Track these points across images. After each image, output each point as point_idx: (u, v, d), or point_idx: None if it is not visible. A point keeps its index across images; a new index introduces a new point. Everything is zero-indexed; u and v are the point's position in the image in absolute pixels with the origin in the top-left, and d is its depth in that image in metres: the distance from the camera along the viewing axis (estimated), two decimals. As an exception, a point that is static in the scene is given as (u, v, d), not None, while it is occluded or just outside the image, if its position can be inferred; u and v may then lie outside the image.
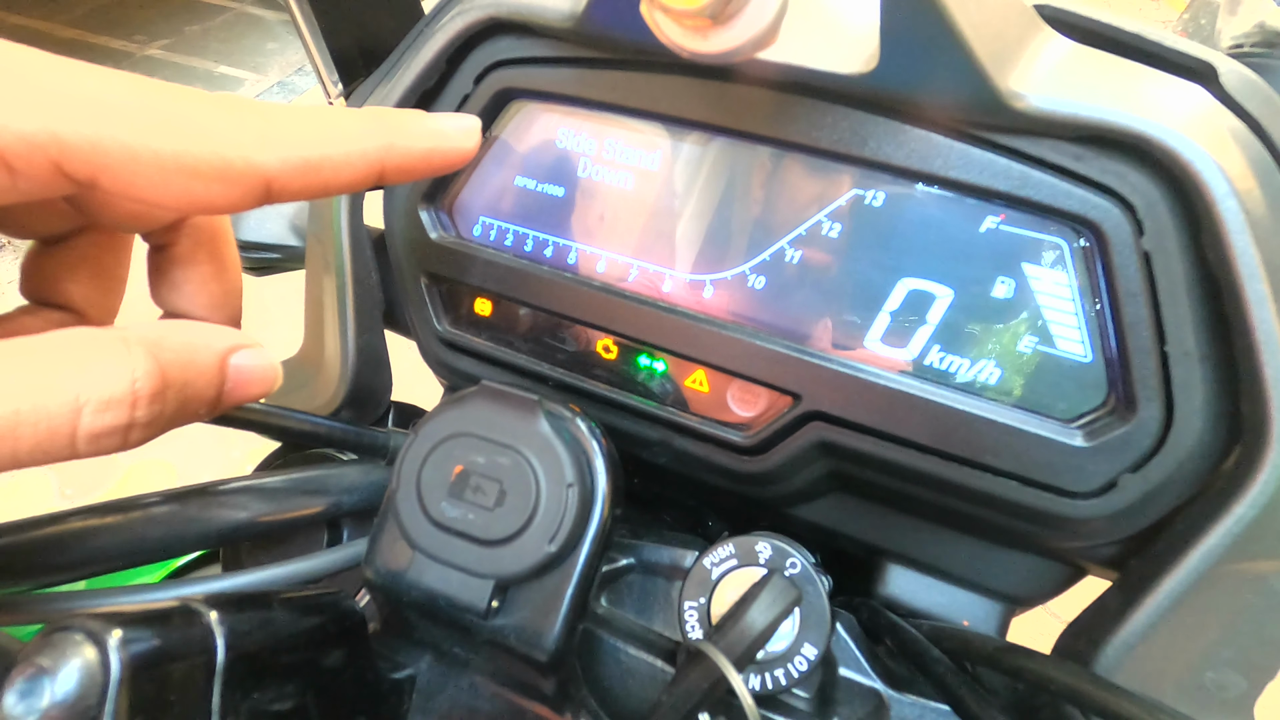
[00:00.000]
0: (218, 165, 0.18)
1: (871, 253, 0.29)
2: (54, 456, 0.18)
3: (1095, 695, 0.22)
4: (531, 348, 0.36)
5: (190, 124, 0.18)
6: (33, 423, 0.17)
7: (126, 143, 0.17)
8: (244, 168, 0.18)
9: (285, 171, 0.19)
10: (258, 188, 0.19)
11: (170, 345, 0.20)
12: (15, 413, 0.17)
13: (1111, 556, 0.29)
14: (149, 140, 0.17)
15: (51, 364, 0.18)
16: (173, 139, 0.17)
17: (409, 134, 0.21)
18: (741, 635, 0.25)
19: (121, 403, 0.18)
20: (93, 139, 0.17)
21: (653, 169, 0.31)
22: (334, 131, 0.20)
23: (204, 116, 0.18)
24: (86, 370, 0.18)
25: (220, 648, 0.19)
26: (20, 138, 0.16)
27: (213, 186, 0.18)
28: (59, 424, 0.17)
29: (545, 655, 0.25)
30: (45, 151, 0.16)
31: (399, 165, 0.21)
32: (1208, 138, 0.23)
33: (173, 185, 0.18)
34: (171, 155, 0.17)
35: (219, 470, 1.18)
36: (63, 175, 0.17)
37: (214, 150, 0.18)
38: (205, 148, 0.18)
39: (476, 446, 0.26)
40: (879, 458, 0.29)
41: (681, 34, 0.20)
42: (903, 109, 0.26)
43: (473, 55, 0.33)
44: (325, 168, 0.20)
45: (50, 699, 0.16)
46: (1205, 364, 0.25)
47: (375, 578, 0.27)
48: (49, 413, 0.17)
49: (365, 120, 0.21)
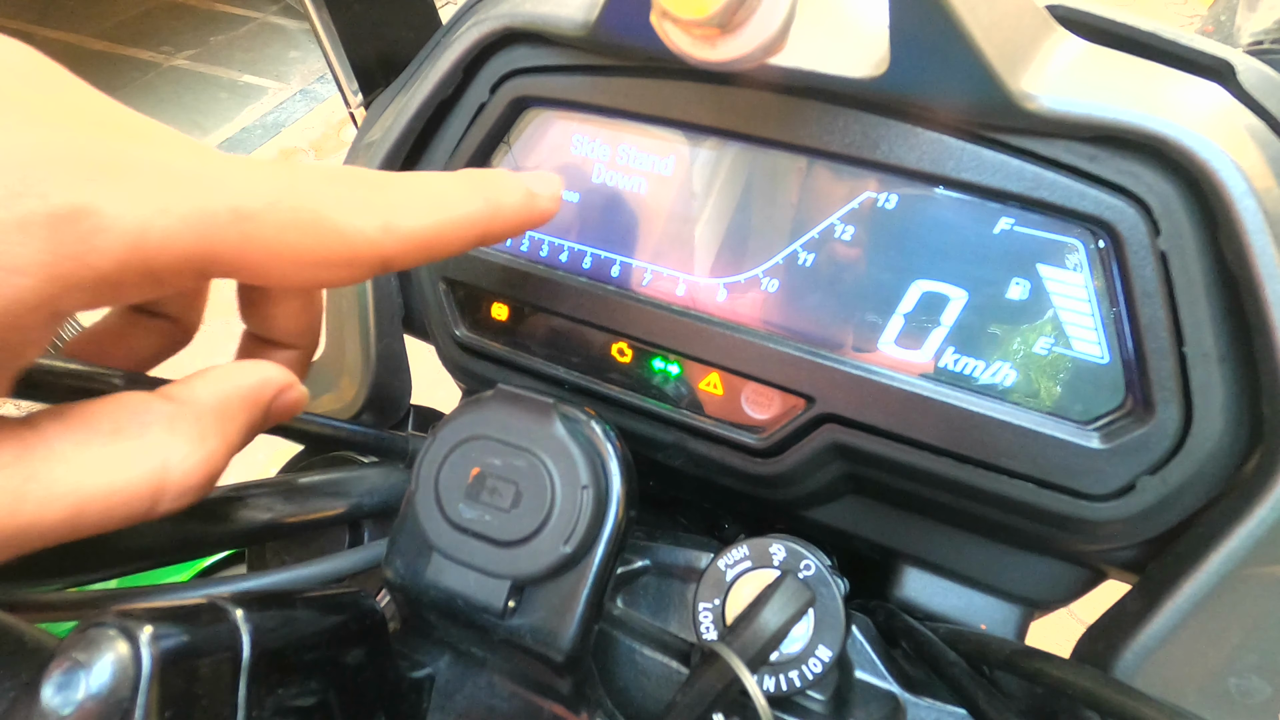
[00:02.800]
0: (347, 254, 0.19)
1: (885, 255, 0.29)
2: (133, 522, 0.18)
3: (1114, 700, 0.22)
4: (547, 351, 0.36)
5: (324, 217, 0.18)
6: (124, 500, 0.17)
7: (268, 244, 0.17)
8: (368, 253, 0.19)
9: (403, 251, 0.20)
10: (376, 266, 0.19)
11: (231, 401, 0.20)
12: (109, 486, 0.17)
13: (1131, 559, 0.29)
14: (288, 237, 0.17)
15: (138, 439, 0.18)
16: (309, 236, 0.18)
17: (507, 198, 0.22)
18: (755, 636, 0.25)
19: (194, 472, 0.19)
20: (238, 244, 0.17)
21: (666, 174, 0.32)
22: (445, 203, 0.20)
23: (333, 206, 0.18)
24: (169, 444, 0.18)
25: (246, 644, 0.20)
26: (176, 255, 0.16)
27: (338, 272, 0.19)
28: (143, 496, 0.18)
29: (561, 655, 0.25)
30: (194, 263, 0.16)
31: (500, 230, 0.22)
32: (1224, 136, 0.23)
33: (304, 275, 0.18)
34: (308, 249, 0.18)
35: (245, 473, 1.20)
36: (203, 278, 0.17)
37: (345, 242, 0.18)
38: (336, 238, 0.18)
39: (493, 449, 0.26)
40: (893, 460, 0.29)
41: (691, 43, 0.20)
42: (914, 112, 0.26)
43: (489, 64, 0.34)
44: (436, 240, 0.20)
45: (85, 691, 0.16)
46: (1224, 365, 0.24)
47: (395, 578, 0.27)
48: (136, 487, 0.17)
49: (469, 187, 0.21)
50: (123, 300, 0.16)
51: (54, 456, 0.16)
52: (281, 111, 2.89)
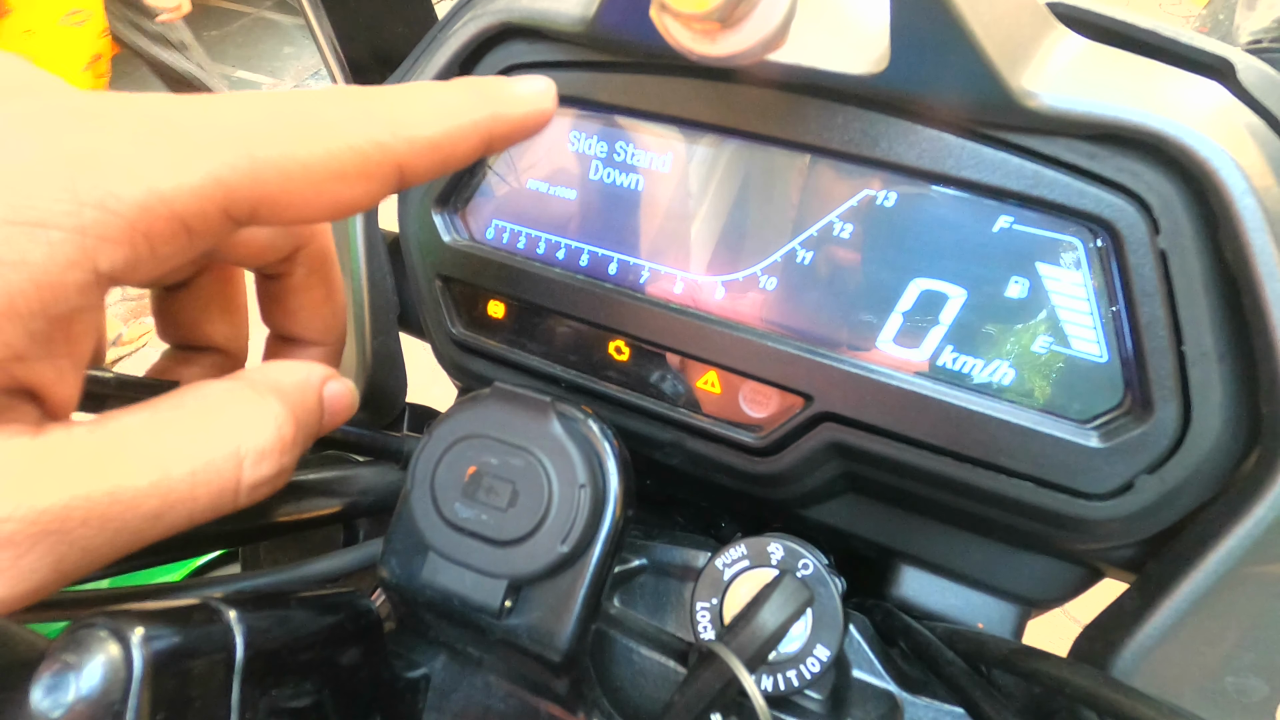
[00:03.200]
0: (358, 161, 0.18)
1: (883, 253, 0.29)
2: (220, 512, 0.18)
3: (1111, 698, 0.22)
4: (544, 349, 0.36)
5: (324, 123, 0.18)
6: (206, 481, 0.18)
7: (278, 164, 0.17)
8: (380, 158, 0.19)
9: (414, 154, 0.19)
10: (393, 175, 0.19)
11: (288, 388, 0.21)
12: (192, 473, 0.17)
13: (1129, 558, 0.29)
14: (296, 152, 0.17)
15: (212, 423, 0.18)
16: (315, 143, 0.17)
17: (507, 102, 0.21)
18: (753, 636, 0.25)
19: (273, 451, 0.19)
20: (250, 172, 0.17)
21: (664, 171, 0.32)
22: (448, 107, 0.20)
23: (332, 112, 0.18)
24: (242, 425, 0.19)
25: (239, 645, 0.20)
26: (193, 194, 0.16)
27: (356, 185, 0.18)
28: (228, 480, 0.18)
29: (558, 655, 0.25)
30: (214, 201, 0.16)
31: (504, 133, 0.21)
32: (1224, 134, 0.23)
33: (323, 194, 0.18)
34: (319, 161, 0.17)
35: (238, 471, 1.19)
36: (229, 219, 0.17)
37: (351, 145, 0.18)
38: (348, 152, 0.18)
39: (489, 447, 0.26)
40: (891, 459, 0.29)
41: (690, 37, 0.20)
42: (914, 109, 0.26)
43: (486, 60, 0.33)
44: (445, 144, 0.20)
45: (76, 694, 0.16)
46: (1223, 364, 0.24)
47: (390, 577, 0.27)
48: (219, 470, 0.18)
49: (470, 93, 0.21)
50: (159, 259, 0.16)
51: (132, 440, 0.17)
52: (276, 108, 2.87)
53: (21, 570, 0.15)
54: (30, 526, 0.15)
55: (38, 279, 0.14)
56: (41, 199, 0.14)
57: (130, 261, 0.16)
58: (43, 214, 0.14)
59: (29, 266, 0.14)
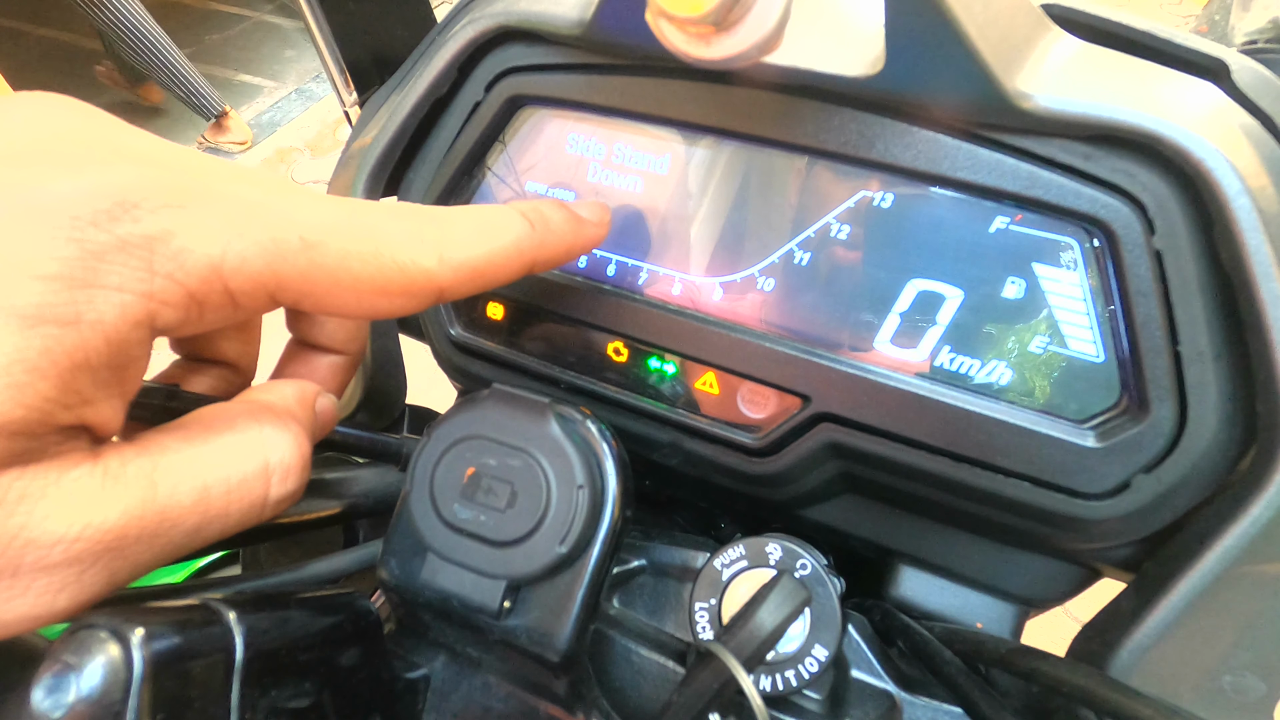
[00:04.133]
0: (404, 284, 0.20)
1: (880, 254, 0.29)
2: (248, 525, 0.19)
3: (1109, 698, 0.22)
4: (543, 351, 0.36)
5: (382, 246, 0.19)
6: (240, 498, 0.19)
7: (332, 272, 0.18)
8: (425, 284, 0.20)
9: (457, 281, 0.21)
10: (431, 296, 0.21)
11: (296, 405, 0.22)
12: (228, 491, 0.19)
13: (1126, 558, 0.29)
14: (351, 265, 0.18)
15: (243, 442, 0.19)
16: (370, 266, 0.19)
17: (557, 229, 0.23)
18: (751, 636, 0.25)
19: (296, 467, 0.20)
20: (306, 271, 0.18)
21: (661, 173, 0.32)
22: (495, 230, 0.21)
23: (391, 235, 0.19)
24: (268, 444, 0.20)
25: (239, 646, 0.20)
26: (247, 279, 0.17)
27: (396, 301, 0.20)
28: (257, 495, 0.19)
29: (557, 655, 0.25)
30: (265, 287, 0.18)
31: (549, 255, 0.23)
32: (1219, 135, 0.23)
33: (363, 303, 0.19)
34: (368, 279, 0.19)
35: (240, 473, 1.19)
36: (273, 300, 0.18)
37: (402, 270, 0.19)
38: (395, 269, 0.19)
39: (488, 449, 0.26)
40: (889, 459, 0.29)
41: (686, 41, 0.20)
42: (910, 110, 0.26)
43: (484, 63, 0.34)
44: (488, 273, 0.21)
45: (76, 694, 0.16)
46: (1219, 363, 0.24)
47: (389, 578, 0.27)
48: (250, 487, 0.19)
49: (517, 214, 0.22)
50: (204, 322, 0.18)
51: (176, 461, 0.18)
52: (277, 111, 2.88)
53: (84, 584, 0.17)
54: (95, 545, 0.16)
55: (109, 336, 0.16)
56: (124, 267, 0.16)
57: (181, 322, 0.17)
58: (121, 279, 0.16)
59: (104, 326, 0.16)
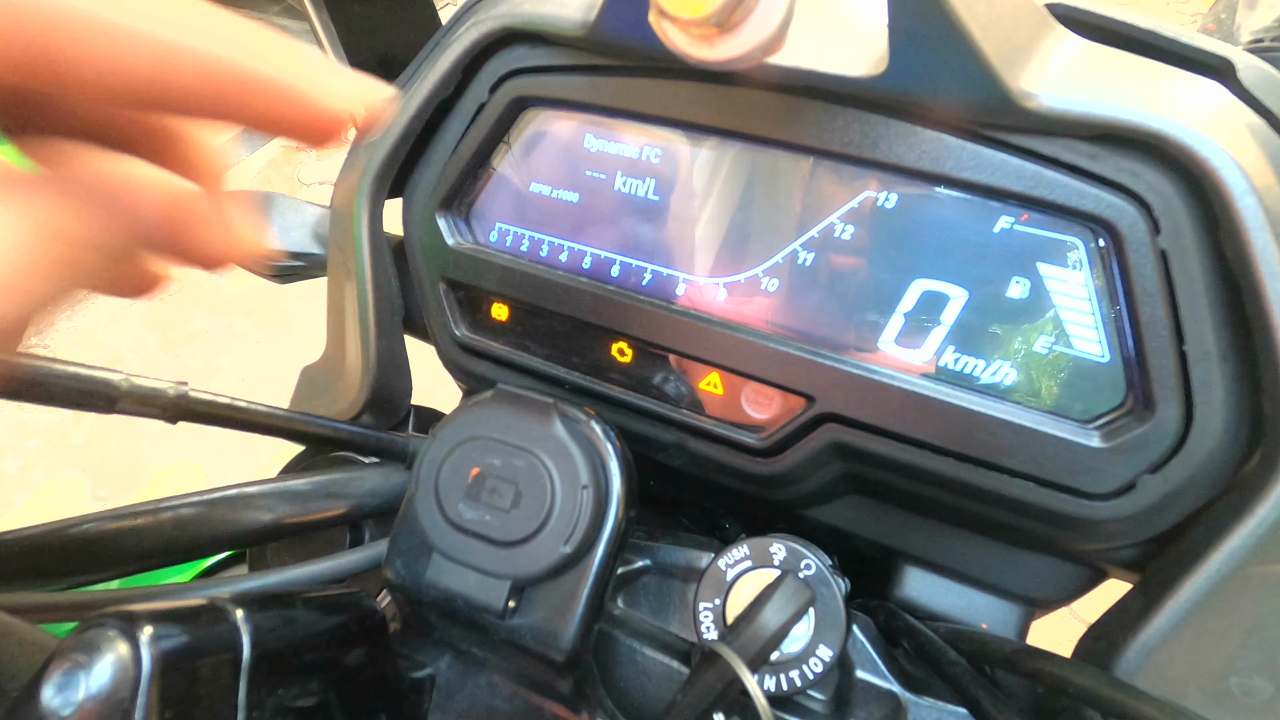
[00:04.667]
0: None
1: (885, 254, 0.29)
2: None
3: (1115, 698, 0.22)
4: (547, 351, 0.36)
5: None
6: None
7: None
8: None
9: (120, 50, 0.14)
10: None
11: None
12: None
13: (1132, 559, 0.29)
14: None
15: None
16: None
17: (279, 62, 0.16)
18: (755, 636, 0.25)
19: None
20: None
21: (665, 174, 0.32)
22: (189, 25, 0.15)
23: None
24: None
25: (246, 645, 0.20)
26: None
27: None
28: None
29: (562, 655, 0.25)
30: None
31: (264, 107, 0.16)
32: (1224, 134, 0.23)
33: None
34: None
35: (246, 472, 1.21)
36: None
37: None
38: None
39: (493, 449, 0.26)
40: (893, 459, 0.29)
41: (689, 42, 0.20)
42: (914, 110, 0.26)
43: (488, 65, 0.34)
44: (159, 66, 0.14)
45: (85, 692, 0.16)
46: (1225, 363, 0.24)
47: (395, 578, 0.27)
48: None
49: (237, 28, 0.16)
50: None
51: None
52: (283, 112, 2.89)
53: None
54: None
55: None
56: None
57: None
58: None
59: None
